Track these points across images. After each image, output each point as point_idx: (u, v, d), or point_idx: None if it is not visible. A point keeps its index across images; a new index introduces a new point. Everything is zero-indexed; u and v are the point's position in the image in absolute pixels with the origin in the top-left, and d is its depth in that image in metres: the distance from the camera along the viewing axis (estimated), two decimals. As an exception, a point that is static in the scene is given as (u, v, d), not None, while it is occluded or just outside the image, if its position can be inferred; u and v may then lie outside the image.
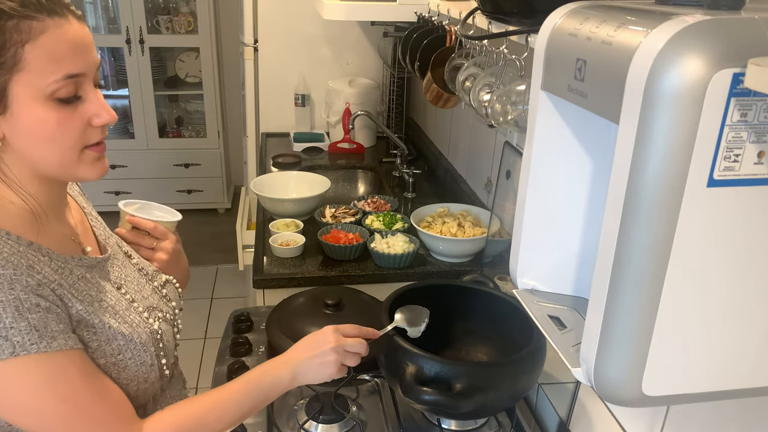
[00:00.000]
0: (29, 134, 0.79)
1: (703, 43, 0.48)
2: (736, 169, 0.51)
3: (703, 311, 0.56)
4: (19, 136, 0.79)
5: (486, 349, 1.33)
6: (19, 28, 0.74)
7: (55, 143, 0.80)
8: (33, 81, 0.76)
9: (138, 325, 0.94)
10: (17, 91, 0.76)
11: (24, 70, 0.75)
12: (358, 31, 2.83)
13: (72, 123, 0.81)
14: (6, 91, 0.76)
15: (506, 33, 1.03)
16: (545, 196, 0.76)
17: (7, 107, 0.77)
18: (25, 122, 0.78)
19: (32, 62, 0.76)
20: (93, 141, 0.85)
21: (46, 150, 0.81)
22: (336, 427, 1.20)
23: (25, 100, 0.77)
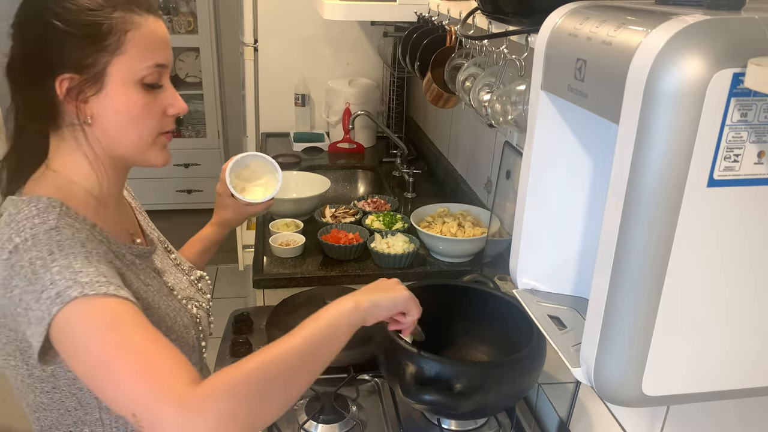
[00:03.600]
0: (117, 114, 0.87)
1: (703, 43, 0.48)
2: (736, 169, 0.51)
3: (703, 311, 0.56)
4: (107, 116, 0.86)
5: (486, 349, 1.33)
6: (124, 18, 0.85)
7: (138, 124, 0.88)
8: (129, 65, 0.85)
9: (179, 310, 0.99)
10: (114, 72, 0.85)
11: (124, 54, 0.85)
12: (358, 31, 2.83)
13: (153, 108, 0.89)
14: (105, 72, 0.84)
15: (506, 33, 1.03)
16: (545, 196, 0.76)
17: (102, 87, 0.85)
18: (116, 102, 0.86)
19: (131, 48, 0.85)
20: (166, 129, 0.93)
21: (128, 130, 0.88)
22: (336, 427, 1.20)
23: (119, 82, 0.85)
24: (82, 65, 0.83)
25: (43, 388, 0.86)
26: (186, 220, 5.21)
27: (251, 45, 2.77)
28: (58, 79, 0.83)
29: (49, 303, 0.75)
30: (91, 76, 0.84)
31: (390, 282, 0.98)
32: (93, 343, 0.74)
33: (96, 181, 0.91)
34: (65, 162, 0.90)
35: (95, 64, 0.84)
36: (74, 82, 0.84)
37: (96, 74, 0.84)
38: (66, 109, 0.86)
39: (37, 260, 0.77)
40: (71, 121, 0.87)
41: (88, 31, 0.83)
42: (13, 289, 0.77)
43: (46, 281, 0.75)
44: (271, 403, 0.77)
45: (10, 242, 0.79)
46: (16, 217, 0.81)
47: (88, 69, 0.84)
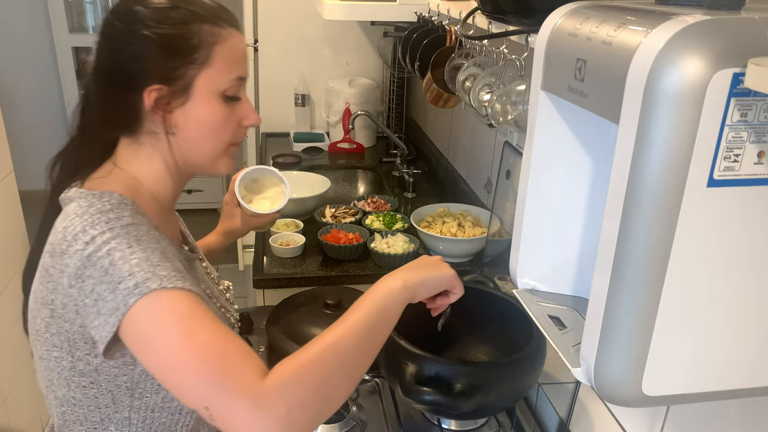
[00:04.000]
0: (199, 125, 0.89)
1: (703, 43, 0.48)
2: (736, 169, 0.51)
3: (704, 311, 0.56)
4: (189, 126, 0.89)
5: (486, 349, 1.33)
6: (213, 32, 0.87)
7: (216, 135, 0.91)
8: (214, 78, 0.88)
9: (219, 316, 1.00)
10: (200, 85, 0.87)
11: (210, 67, 0.87)
12: (358, 31, 2.83)
13: (231, 120, 0.92)
14: (192, 85, 0.87)
15: (506, 33, 1.03)
16: (545, 196, 0.76)
17: (188, 98, 0.88)
18: (199, 113, 0.89)
19: (217, 62, 0.88)
20: (238, 139, 0.95)
21: (207, 140, 0.91)
22: (336, 427, 1.20)
23: (204, 94, 0.88)
24: (171, 77, 0.86)
25: (80, 382, 0.86)
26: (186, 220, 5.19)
27: (251, 45, 2.77)
28: (147, 89, 0.85)
29: (127, 293, 0.76)
30: (179, 87, 0.86)
31: (434, 259, 0.98)
32: (169, 334, 0.75)
33: (163, 187, 0.94)
34: (137, 165, 0.92)
35: (183, 76, 0.86)
36: (162, 93, 0.86)
37: (183, 86, 0.87)
38: (148, 118, 0.88)
39: (116, 252, 0.78)
40: (151, 129, 0.89)
41: (179, 44, 0.85)
42: (85, 279, 0.78)
43: (125, 272, 0.77)
44: (337, 387, 0.79)
45: (85, 234, 0.79)
46: (88, 210, 0.82)
47: (176, 81, 0.86)
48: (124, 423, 0.89)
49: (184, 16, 0.86)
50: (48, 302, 0.83)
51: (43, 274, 0.83)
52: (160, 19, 0.85)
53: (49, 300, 0.83)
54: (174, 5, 0.87)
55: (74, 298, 0.79)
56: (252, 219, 1.28)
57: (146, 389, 0.88)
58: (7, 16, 4.17)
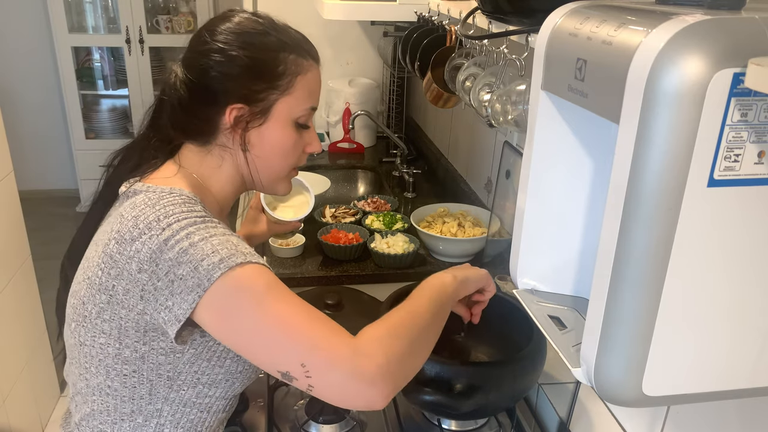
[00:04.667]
0: (271, 147, 0.95)
1: (704, 42, 0.48)
2: (736, 169, 0.51)
3: (704, 311, 0.56)
4: (260, 146, 0.95)
5: (486, 349, 1.33)
6: (297, 62, 0.93)
7: (284, 159, 0.97)
8: (292, 105, 0.94)
9: None
10: (278, 110, 0.93)
11: (290, 95, 0.93)
12: (358, 31, 2.83)
13: (299, 145, 0.98)
14: (271, 109, 0.92)
15: (506, 33, 1.03)
16: (545, 196, 0.76)
17: (265, 121, 0.93)
18: (272, 136, 0.94)
19: (297, 91, 0.93)
20: (300, 164, 1.02)
21: (275, 162, 0.97)
22: (336, 427, 1.20)
23: (280, 118, 0.93)
24: (253, 99, 0.91)
25: (122, 370, 0.88)
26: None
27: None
28: (230, 107, 0.91)
29: (211, 268, 0.79)
30: (259, 110, 0.92)
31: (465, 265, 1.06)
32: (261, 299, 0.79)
33: (224, 195, 0.99)
34: (203, 170, 0.96)
35: (266, 99, 0.92)
36: (243, 112, 0.91)
37: (264, 109, 0.92)
38: (223, 132, 0.93)
39: (195, 235, 0.81)
40: (223, 143, 0.94)
41: (267, 69, 0.91)
42: (160, 263, 0.80)
43: (208, 250, 0.80)
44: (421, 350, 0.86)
45: (159, 222, 0.82)
46: (160, 202, 0.86)
47: (258, 103, 0.91)
48: (154, 414, 0.90)
49: (274, 44, 0.92)
50: (108, 288, 0.84)
51: (107, 261, 0.85)
52: (252, 42, 0.91)
53: (111, 286, 0.84)
54: (266, 31, 0.93)
55: (142, 283, 0.81)
56: (275, 226, 1.31)
57: (185, 382, 0.90)
58: (7, 16, 4.17)
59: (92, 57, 4.32)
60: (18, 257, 2.20)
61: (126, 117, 4.30)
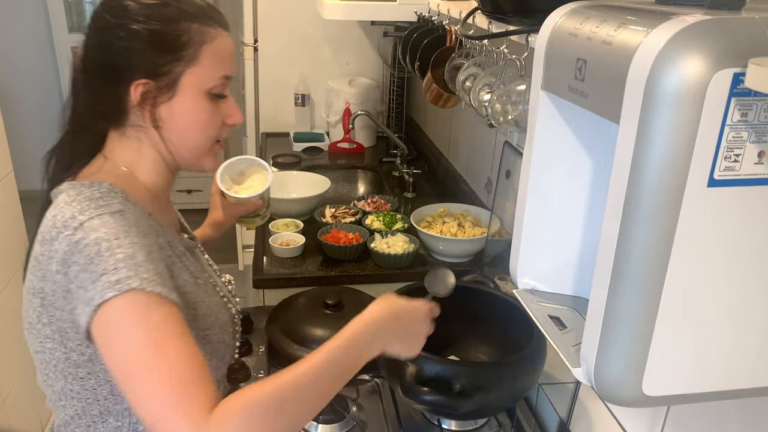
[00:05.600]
0: (184, 121, 0.91)
1: (704, 42, 0.48)
2: (736, 169, 0.51)
3: (704, 311, 0.56)
4: (173, 121, 0.91)
5: (486, 349, 1.33)
6: (201, 30, 0.89)
7: (201, 132, 0.93)
8: (201, 76, 0.90)
9: (221, 306, 1.01)
10: (186, 82, 0.89)
11: (197, 65, 0.89)
12: (358, 31, 2.83)
13: (216, 117, 0.94)
14: (178, 81, 0.89)
15: (506, 33, 1.03)
16: (545, 196, 0.76)
17: (174, 94, 0.89)
18: (184, 110, 0.90)
19: (204, 60, 0.89)
20: (222, 136, 0.97)
21: (191, 136, 0.93)
22: (336, 427, 1.20)
23: (190, 91, 0.90)
24: (158, 73, 0.87)
25: (77, 373, 0.86)
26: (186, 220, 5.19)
27: (251, 45, 2.77)
28: (134, 84, 0.87)
29: (107, 287, 0.76)
30: (166, 83, 0.88)
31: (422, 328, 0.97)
32: (138, 341, 0.75)
33: (154, 178, 0.96)
34: (126, 156, 0.94)
35: (171, 72, 0.88)
36: (148, 87, 0.88)
37: (170, 82, 0.88)
38: (134, 111, 0.90)
39: (103, 242, 0.79)
40: (137, 123, 0.91)
41: (168, 40, 0.87)
42: (71, 265, 0.79)
43: (109, 265, 0.77)
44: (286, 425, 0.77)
45: (74, 220, 0.81)
46: (77, 197, 0.84)
47: (163, 77, 0.88)
48: (124, 414, 0.89)
49: (174, 14, 0.88)
50: (38, 291, 0.84)
51: (34, 264, 0.84)
52: (150, 14, 0.86)
53: (39, 288, 0.83)
54: (164, 2, 0.88)
55: (62, 284, 0.81)
56: (236, 208, 1.28)
57: None
58: (7, 16, 4.17)
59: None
60: (18, 257, 2.20)
61: (126, 117, 4.30)
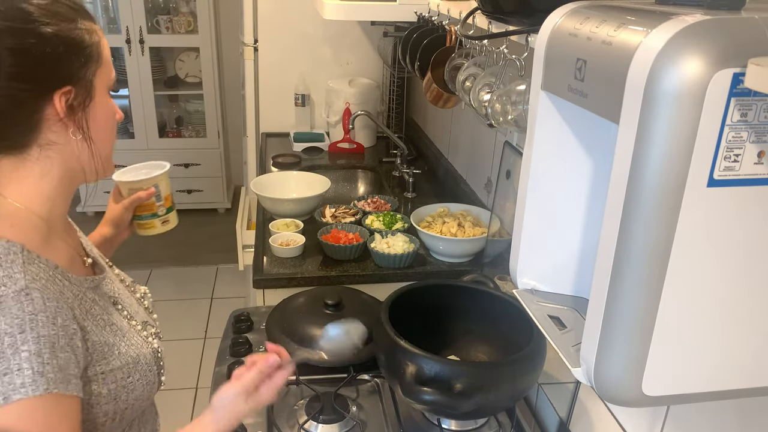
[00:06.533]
0: (103, 123, 0.86)
1: (703, 43, 0.48)
2: (736, 169, 0.51)
3: (703, 311, 0.56)
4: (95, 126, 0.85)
5: (486, 349, 1.33)
6: (92, 28, 0.84)
7: (112, 132, 0.89)
8: (105, 74, 0.85)
9: (141, 345, 0.94)
10: (98, 82, 0.84)
11: (101, 64, 0.84)
12: (358, 31, 2.83)
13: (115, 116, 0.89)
14: (93, 82, 0.83)
15: (506, 33, 1.03)
16: (545, 196, 0.76)
17: (92, 98, 0.84)
18: (100, 112, 0.86)
19: (104, 58, 0.85)
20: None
21: (107, 138, 0.88)
22: (336, 427, 1.20)
23: (101, 91, 0.85)
24: (77, 77, 0.81)
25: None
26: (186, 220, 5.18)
27: (251, 45, 2.77)
28: (58, 93, 0.79)
29: (11, 389, 0.72)
30: (84, 87, 0.82)
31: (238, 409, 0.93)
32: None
33: (54, 204, 0.86)
34: (22, 188, 0.83)
35: (86, 75, 0.82)
36: (71, 95, 0.81)
37: (87, 86, 0.83)
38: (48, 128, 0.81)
39: (6, 336, 0.73)
40: (49, 140, 0.82)
41: (77, 41, 0.81)
42: None
43: (13, 365, 0.73)
44: None
45: None
46: None
47: (81, 80, 0.82)
48: None
49: (69, 12, 0.81)
50: None
51: None
52: (52, 14, 0.79)
53: None
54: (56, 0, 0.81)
55: None
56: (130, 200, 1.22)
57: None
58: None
59: (92, 57, 4.32)
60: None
61: (126, 117, 4.25)
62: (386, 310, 1.19)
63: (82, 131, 0.83)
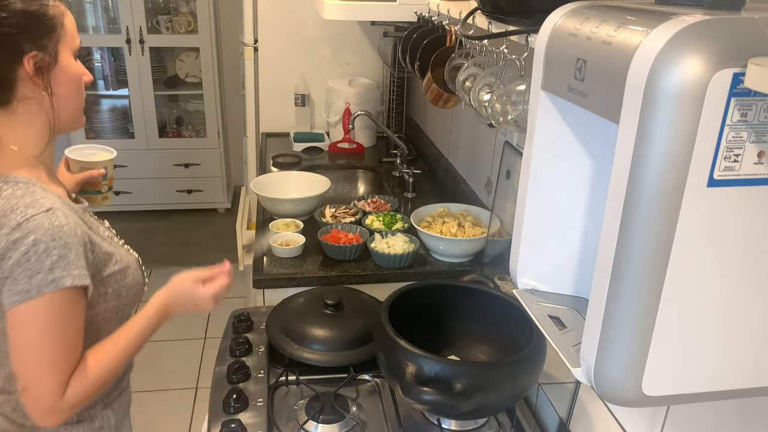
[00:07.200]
0: (69, 84, 1.06)
1: (703, 43, 0.48)
2: (736, 169, 0.51)
3: (703, 311, 0.56)
4: (61, 85, 1.05)
5: (486, 349, 1.33)
6: (57, 5, 1.03)
7: (78, 91, 1.08)
8: (69, 43, 1.05)
9: (127, 255, 1.17)
10: (62, 51, 1.04)
11: (65, 36, 1.04)
12: (358, 31, 2.83)
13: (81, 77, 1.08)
14: (57, 52, 1.03)
15: (506, 33, 1.03)
16: (545, 196, 0.76)
17: (56, 62, 1.03)
18: (68, 73, 1.05)
19: (67, 29, 1.05)
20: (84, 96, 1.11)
21: (74, 96, 1.08)
22: (336, 427, 1.20)
23: (65, 58, 1.04)
24: (43, 44, 1.01)
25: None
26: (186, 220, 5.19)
27: (251, 45, 2.77)
28: (26, 57, 0.99)
29: (43, 284, 0.94)
30: (50, 53, 1.02)
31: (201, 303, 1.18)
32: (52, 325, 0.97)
33: (40, 150, 1.06)
34: (17, 135, 1.04)
35: (50, 42, 1.02)
36: (38, 58, 1.00)
37: (53, 52, 1.02)
38: (23, 85, 1.01)
39: (41, 243, 0.94)
40: (25, 95, 1.02)
41: (44, 15, 1.01)
42: (7, 259, 0.94)
43: (45, 266, 0.94)
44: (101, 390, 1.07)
45: (7, 217, 0.95)
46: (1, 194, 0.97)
47: (47, 47, 1.01)
48: None
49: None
50: None
51: None
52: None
53: None
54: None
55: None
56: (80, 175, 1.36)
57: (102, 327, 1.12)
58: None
59: (93, 57, 4.32)
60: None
61: (126, 117, 4.30)
62: (386, 310, 1.19)
63: (48, 89, 1.03)
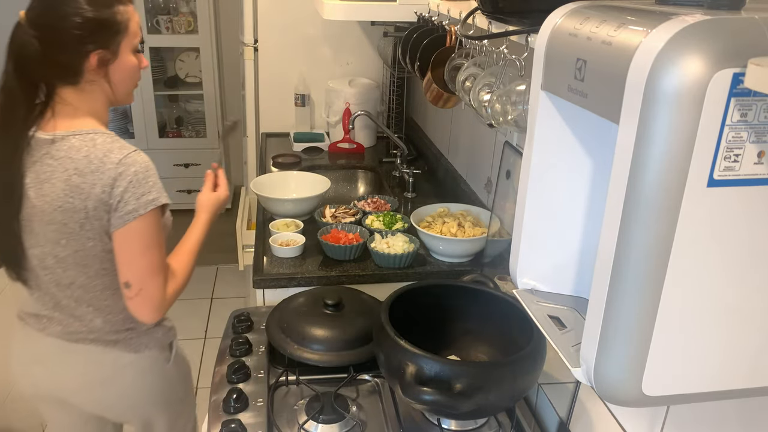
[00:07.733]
0: (124, 73, 1.31)
1: (703, 43, 0.48)
2: (736, 169, 0.51)
3: (703, 311, 0.56)
4: (118, 74, 1.30)
5: (486, 349, 1.33)
6: (127, 10, 1.28)
7: (134, 78, 1.35)
8: (130, 41, 1.30)
9: None
10: (123, 47, 1.29)
11: (127, 35, 1.29)
12: (358, 31, 2.83)
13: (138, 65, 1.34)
14: (118, 50, 1.28)
15: (506, 33, 1.03)
16: (545, 196, 0.76)
17: (116, 57, 1.28)
18: (123, 65, 1.30)
19: (131, 31, 1.29)
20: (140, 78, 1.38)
21: (129, 81, 1.34)
22: (336, 427, 1.20)
23: (125, 51, 1.29)
24: (108, 44, 1.26)
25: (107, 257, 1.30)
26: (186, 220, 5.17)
27: (251, 45, 2.77)
28: (93, 54, 1.24)
29: (147, 203, 1.24)
30: (112, 50, 1.27)
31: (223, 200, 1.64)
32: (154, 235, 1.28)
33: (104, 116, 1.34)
34: (89, 105, 1.30)
35: (114, 42, 1.27)
36: (101, 54, 1.25)
37: (115, 50, 1.27)
38: (89, 71, 1.26)
39: (141, 173, 1.23)
40: (90, 79, 1.27)
41: (113, 21, 1.25)
42: (116, 187, 1.22)
43: (146, 188, 1.24)
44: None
45: (110, 157, 1.22)
46: (96, 141, 1.24)
47: (110, 46, 1.26)
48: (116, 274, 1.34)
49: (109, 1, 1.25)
50: (82, 208, 1.23)
51: (74, 190, 1.22)
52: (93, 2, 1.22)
53: (83, 206, 1.22)
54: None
55: (104, 200, 1.22)
56: None
57: None
58: (8, 17, 4.16)
59: (92, 57, 4.32)
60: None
61: (126, 117, 4.30)
62: (386, 310, 1.19)
63: (105, 77, 1.29)
